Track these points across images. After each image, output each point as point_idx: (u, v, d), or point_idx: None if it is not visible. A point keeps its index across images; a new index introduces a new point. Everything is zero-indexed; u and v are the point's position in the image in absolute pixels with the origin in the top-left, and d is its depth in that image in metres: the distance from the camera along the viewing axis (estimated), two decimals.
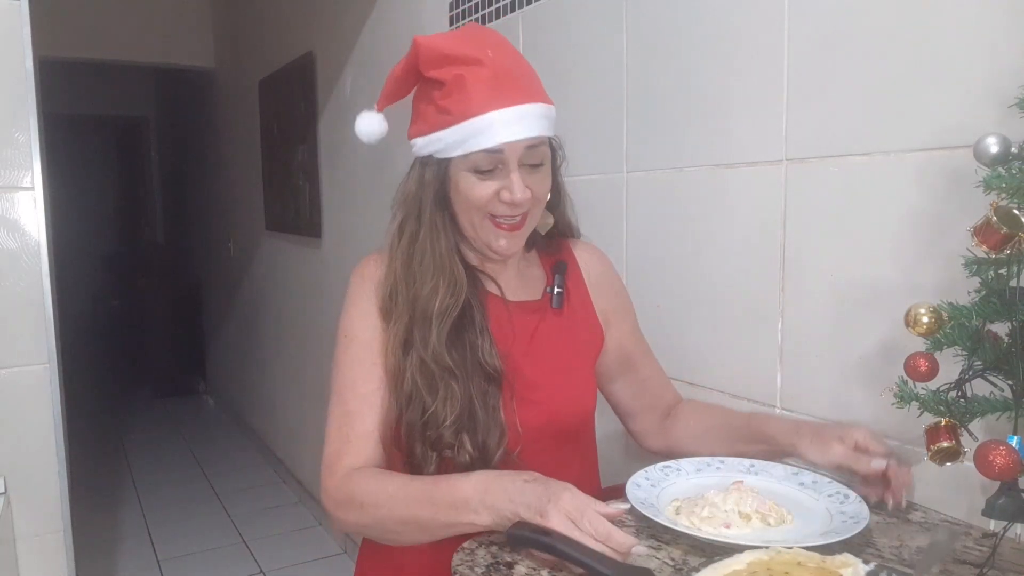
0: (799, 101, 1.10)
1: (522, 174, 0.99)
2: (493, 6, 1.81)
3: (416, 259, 1.03)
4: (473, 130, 0.96)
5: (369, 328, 1.04)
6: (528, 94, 0.99)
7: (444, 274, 1.02)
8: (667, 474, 0.98)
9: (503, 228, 1.02)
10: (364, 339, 1.04)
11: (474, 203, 1.00)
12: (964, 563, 0.78)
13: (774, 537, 0.80)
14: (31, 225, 1.65)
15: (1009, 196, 0.70)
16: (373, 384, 1.02)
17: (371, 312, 1.04)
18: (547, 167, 1.03)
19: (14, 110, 1.60)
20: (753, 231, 1.18)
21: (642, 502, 0.88)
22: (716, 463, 1.01)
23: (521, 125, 0.97)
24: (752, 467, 1.00)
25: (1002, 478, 0.70)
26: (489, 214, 1.01)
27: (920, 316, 0.75)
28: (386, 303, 1.03)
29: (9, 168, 1.62)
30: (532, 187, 1.00)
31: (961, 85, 0.89)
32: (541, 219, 1.09)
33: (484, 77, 0.97)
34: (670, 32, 1.32)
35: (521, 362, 1.05)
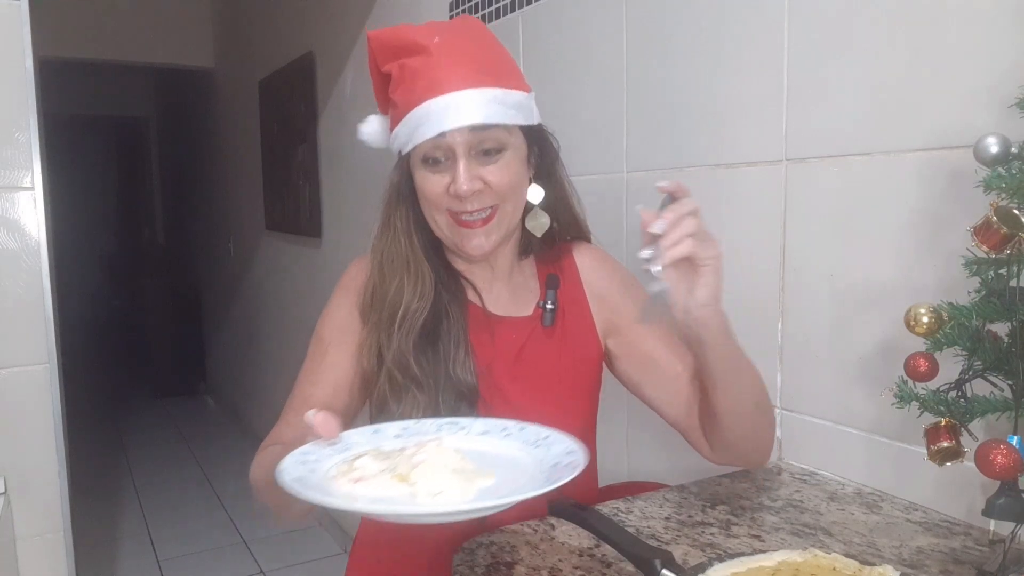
0: (799, 101, 1.10)
1: (473, 164, 0.93)
2: (493, 6, 1.81)
3: (386, 259, 1.01)
4: (417, 120, 0.92)
5: (336, 329, 1.02)
6: (473, 78, 0.93)
7: (409, 274, 0.99)
8: (440, 427, 0.87)
9: (466, 225, 0.95)
10: (325, 337, 1.03)
11: (429, 199, 0.96)
12: (964, 563, 0.78)
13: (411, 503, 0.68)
14: (31, 225, 1.65)
15: (1009, 196, 0.70)
16: (315, 380, 1.01)
17: (343, 314, 1.03)
18: (509, 156, 0.95)
19: (14, 110, 1.60)
20: (753, 231, 1.18)
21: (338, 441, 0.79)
22: (513, 428, 0.86)
23: (462, 110, 0.91)
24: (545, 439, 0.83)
25: (1002, 478, 0.70)
26: (448, 211, 0.96)
27: (920, 316, 0.75)
28: (364, 306, 1.01)
29: (9, 168, 1.62)
30: (487, 177, 0.93)
31: (961, 85, 0.89)
32: (532, 219, 1.03)
33: (427, 65, 0.93)
34: (671, 32, 1.32)
35: (503, 381, 0.99)
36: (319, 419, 0.77)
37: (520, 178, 0.98)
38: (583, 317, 1.07)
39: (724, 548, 0.82)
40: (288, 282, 3.61)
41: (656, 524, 0.89)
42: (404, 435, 0.84)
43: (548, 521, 0.90)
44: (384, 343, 0.97)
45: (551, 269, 1.08)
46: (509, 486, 0.72)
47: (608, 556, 0.80)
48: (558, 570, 0.78)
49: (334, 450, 0.78)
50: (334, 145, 2.95)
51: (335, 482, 0.72)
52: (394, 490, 0.70)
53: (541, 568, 0.78)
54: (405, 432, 0.85)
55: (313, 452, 0.77)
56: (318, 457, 0.77)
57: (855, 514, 0.92)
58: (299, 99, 3.22)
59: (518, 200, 1.00)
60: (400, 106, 0.94)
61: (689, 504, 0.96)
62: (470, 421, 0.88)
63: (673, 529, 0.88)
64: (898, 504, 0.95)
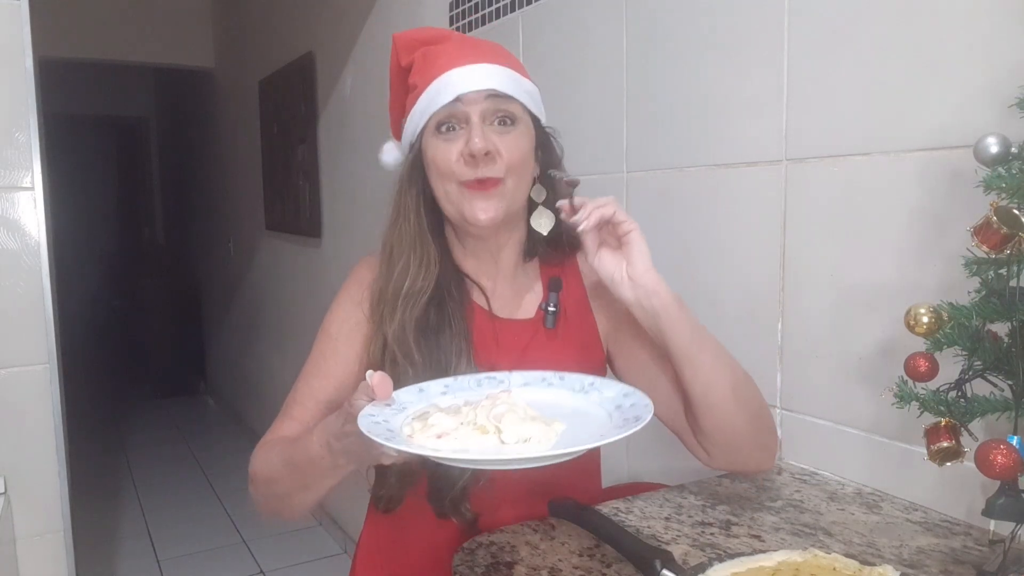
0: (799, 101, 1.10)
1: (487, 130, 0.95)
2: (493, 6, 1.81)
3: (396, 245, 1.01)
4: (435, 91, 0.95)
5: (343, 323, 1.03)
6: (492, 57, 0.97)
7: (415, 251, 0.99)
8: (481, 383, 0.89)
9: (474, 189, 0.95)
10: (332, 332, 1.04)
11: (441, 167, 0.96)
12: (964, 563, 0.78)
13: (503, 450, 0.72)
14: (31, 225, 1.65)
15: (1009, 196, 0.70)
16: (321, 374, 1.02)
17: (350, 309, 1.03)
18: (522, 131, 0.98)
19: (14, 110, 1.60)
20: (753, 231, 1.18)
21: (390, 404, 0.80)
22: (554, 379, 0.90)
23: (480, 76, 0.94)
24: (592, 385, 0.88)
25: (1002, 478, 0.70)
26: (459, 181, 0.96)
27: (920, 316, 0.75)
28: (372, 304, 1.01)
29: (9, 168, 1.62)
30: (500, 146, 0.95)
31: (961, 85, 0.89)
32: (537, 217, 1.04)
33: (449, 47, 0.98)
34: (670, 32, 1.32)
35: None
36: (377, 379, 0.77)
37: (528, 159, 0.99)
38: (585, 320, 1.07)
39: (724, 548, 0.82)
40: (288, 282, 3.61)
41: (656, 524, 0.89)
42: (449, 392, 0.87)
43: (548, 521, 0.90)
44: (387, 322, 0.97)
45: (554, 272, 1.08)
46: (585, 431, 0.76)
47: (608, 556, 0.80)
48: (558, 570, 0.78)
49: (392, 411, 0.78)
50: (334, 145, 2.95)
51: (415, 440, 0.73)
52: (482, 441, 0.73)
53: (541, 568, 0.78)
54: (449, 389, 0.87)
55: (377, 413, 0.76)
56: (385, 417, 0.77)
57: (855, 514, 0.92)
58: (299, 99, 3.22)
59: (522, 180, 0.99)
60: (419, 85, 0.96)
61: (689, 504, 0.96)
62: (506, 375, 0.90)
63: (673, 529, 0.88)
64: (898, 504, 0.95)
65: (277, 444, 0.97)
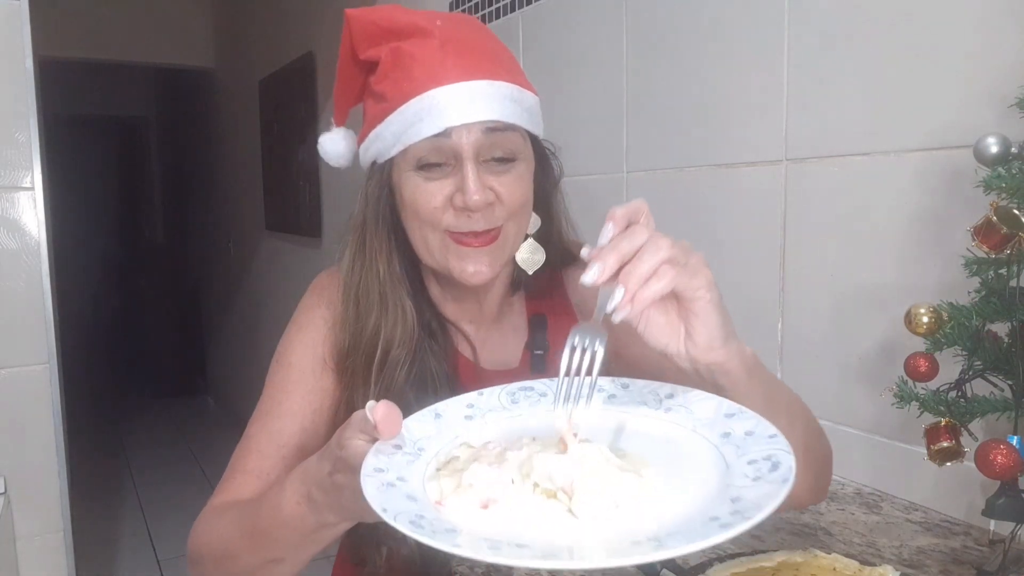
0: (799, 101, 1.10)
1: (482, 171, 0.77)
2: (493, 6, 1.81)
3: (361, 292, 0.84)
4: (413, 115, 0.75)
5: (308, 357, 0.86)
6: (487, 68, 0.77)
7: (386, 309, 0.82)
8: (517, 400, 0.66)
9: (467, 244, 0.79)
10: (293, 362, 0.86)
11: (423, 214, 0.78)
12: (964, 563, 0.78)
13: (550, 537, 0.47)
14: (31, 225, 1.65)
15: (1009, 196, 0.70)
16: (284, 416, 0.84)
17: (316, 342, 0.86)
18: (522, 167, 0.81)
19: (14, 110, 1.60)
20: (753, 231, 1.18)
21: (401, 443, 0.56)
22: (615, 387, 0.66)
23: (475, 104, 0.75)
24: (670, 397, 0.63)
25: (1002, 477, 0.70)
26: (445, 229, 0.79)
27: (920, 316, 0.75)
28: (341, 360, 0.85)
29: (9, 168, 1.62)
30: (499, 189, 0.78)
31: (961, 85, 0.89)
32: (528, 252, 0.87)
33: (429, 49, 0.76)
34: (670, 32, 1.32)
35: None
36: (382, 412, 0.54)
37: (529, 197, 0.83)
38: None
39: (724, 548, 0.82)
40: (288, 282, 3.61)
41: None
42: (476, 415, 0.63)
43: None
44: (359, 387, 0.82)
45: (540, 307, 0.93)
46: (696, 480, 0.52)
47: None
48: (558, 570, 0.78)
49: (405, 456, 0.55)
50: None
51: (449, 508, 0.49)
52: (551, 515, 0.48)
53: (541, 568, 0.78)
54: (475, 412, 0.63)
55: (386, 464, 0.53)
56: (398, 471, 0.53)
57: (855, 514, 0.92)
58: (299, 99, 3.22)
59: (522, 223, 0.84)
60: (390, 98, 0.77)
61: None
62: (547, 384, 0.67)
63: None
64: (898, 504, 0.95)
65: (230, 509, 0.78)
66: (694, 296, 0.58)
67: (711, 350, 0.61)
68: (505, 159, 0.79)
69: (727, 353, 0.62)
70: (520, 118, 0.79)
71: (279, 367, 0.88)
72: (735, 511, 0.45)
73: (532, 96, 0.83)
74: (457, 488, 0.50)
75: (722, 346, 0.61)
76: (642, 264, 0.56)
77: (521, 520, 0.48)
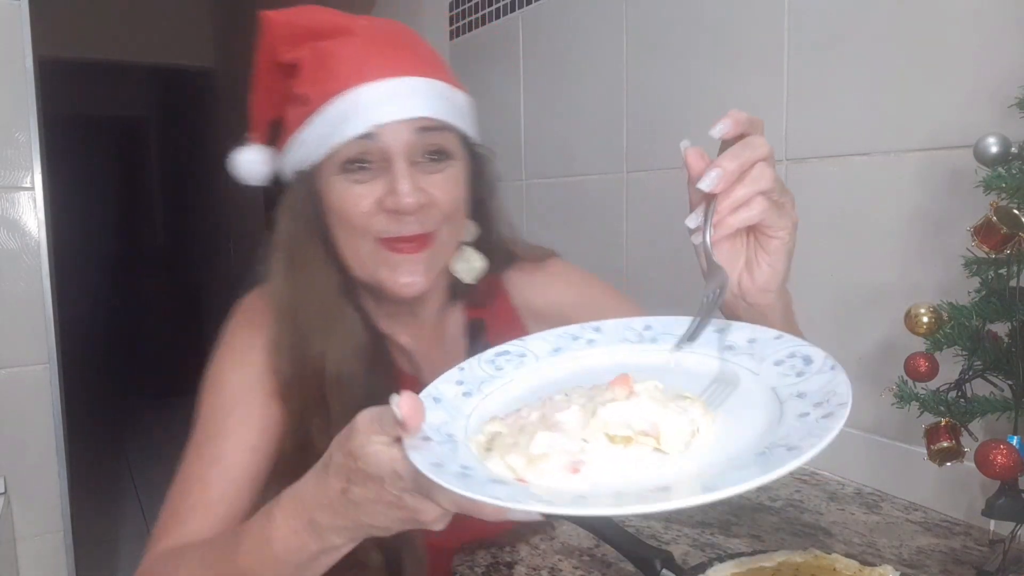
0: (799, 101, 1.10)
1: (414, 172, 0.73)
2: (493, 6, 1.81)
3: (300, 309, 0.77)
4: (337, 115, 0.72)
5: (245, 379, 0.79)
6: (415, 65, 0.74)
7: (329, 322, 0.76)
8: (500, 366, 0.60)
9: (399, 251, 0.74)
10: (233, 388, 0.79)
11: (352, 219, 0.73)
12: (964, 563, 0.78)
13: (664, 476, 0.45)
14: (31, 225, 1.65)
15: (1009, 196, 0.70)
16: (231, 440, 0.77)
17: (251, 362, 0.79)
18: (457, 168, 0.77)
19: (14, 110, 1.60)
20: None
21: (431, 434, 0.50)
22: (588, 332, 0.62)
23: (404, 101, 0.72)
24: (648, 329, 0.61)
25: (1002, 477, 0.70)
26: (377, 237, 0.74)
27: (920, 316, 0.75)
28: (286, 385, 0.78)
29: (9, 168, 1.62)
30: (433, 190, 0.74)
31: (961, 85, 0.89)
32: (463, 261, 0.83)
33: (353, 46, 0.73)
34: (670, 32, 1.32)
35: None
36: (407, 405, 0.49)
37: (464, 200, 0.79)
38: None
39: (724, 548, 0.82)
40: None
41: (656, 524, 0.89)
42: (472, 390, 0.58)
43: (548, 521, 0.90)
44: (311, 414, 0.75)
45: (479, 312, 0.89)
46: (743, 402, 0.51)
47: (608, 556, 0.80)
48: (558, 570, 0.78)
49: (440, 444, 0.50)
50: None
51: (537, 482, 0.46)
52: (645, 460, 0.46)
53: (541, 568, 0.78)
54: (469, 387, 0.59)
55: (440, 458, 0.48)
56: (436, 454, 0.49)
57: (855, 514, 0.92)
58: None
59: (458, 228, 0.80)
60: (312, 99, 0.73)
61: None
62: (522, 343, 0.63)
63: (673, 529, 0.88)
64: (898, 504, 0.95)
65: (188, 555, 0.70)
66: (775, 235, 0.59)
67: (765, 292, 0.60)
68: (438, 159, 0.75)
69: (776, 299, 0.62)
70: (453, 116, 0.76)
71: (212, 393, 0.80)
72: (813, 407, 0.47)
73: (464, 95, 0.80)
74: (530, 462, 0.46)
75: (775, 291, 0.61)
76: (743, 188, 0.55)
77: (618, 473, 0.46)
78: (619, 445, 0.47)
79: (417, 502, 0.51)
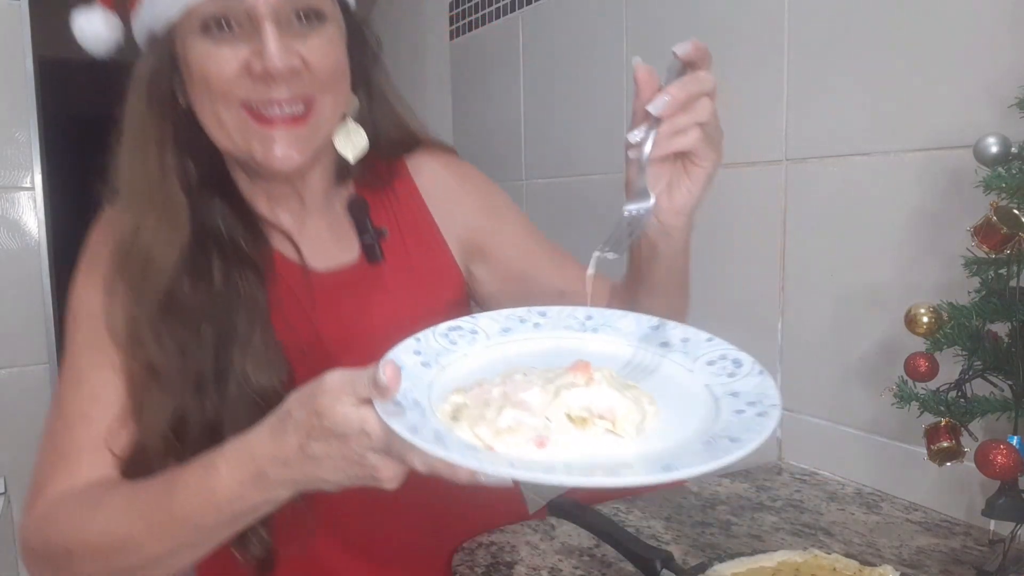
0: (799, 101, 1.10)
1: (284, 34, 0.67)
2: (493, 6, 1.81)
3: (133, 190, 0.72)
4: None
5: (96, 303, 0.73)
6: None
7: (153, 208, 0.70)
8: (454, 340, 0.61)
9: (268, 123, 0.68)
10: (91, 317, 0.73)
11: (214, 85, 0.67)
12: (964, 563, 0.78)
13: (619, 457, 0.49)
14: (31, 225, 1.65)
15: (1009, 196, 0.70)
16: (106, 374, 0.72)
17: (98, 283, 0.74)
18: (332, 30, 0.71)
19: (14, 110, 1.60)
20: (753, 231, 1.18)
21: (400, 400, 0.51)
22: (534, 316, 0.65)
23: None
24: (589, 319, 0.65)
25: (1002, 477, 0.70)
26: (242, 102, 0.68)
27: (920, 316, 0.75)
28: (113, 268, 0.73)
29: (9, 168, 1.62)
30: (306, 54, 0.68)
31: (961, 85, 0.89)
32: (344, 136, 0.77)
33: None
34: (670, 32, 1.32)
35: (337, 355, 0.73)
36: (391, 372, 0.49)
37: (344, 66, 0.73)
38: (431, 241, 0.85)
39: (724, 548, 0.82)
40: None
41: (656, 524, 0.89)
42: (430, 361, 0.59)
43: (548, 521, 0.90)
44: (114, 310, 0.71)
45: (370, 194, 0.84)
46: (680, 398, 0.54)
47: (608, 556, 0.80)
48: (558, 570, 0.78)
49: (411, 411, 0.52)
50: None
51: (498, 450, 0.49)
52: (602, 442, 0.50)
53: (541, 568, 0.78)
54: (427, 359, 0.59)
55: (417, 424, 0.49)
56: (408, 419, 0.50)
57: (855, 514, 0.92)
58: None
59: (339, 97, 0.74)
60: None
61: (689, 504, 0.96)
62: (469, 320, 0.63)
63: (673, 529, 0.88)
64: (898, 504, 0.95)
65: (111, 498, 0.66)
66: (701, 164, 0.62)
67: (679, 215, 0.65)
68: (310, 17, 0.69)
69: (686, 225, 0.66)
70: None
71: (78, 324, 0.74)
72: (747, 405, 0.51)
73: None
74: (498, 434, 0.49)
75: (687, 216, 0.66)
76: (684, 116, 0.60)
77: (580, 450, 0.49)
78: (577, 426, 0.51)
79: (379, 460, 0.52)
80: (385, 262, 0.81)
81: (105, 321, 0.72)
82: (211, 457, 0.60)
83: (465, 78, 1.98)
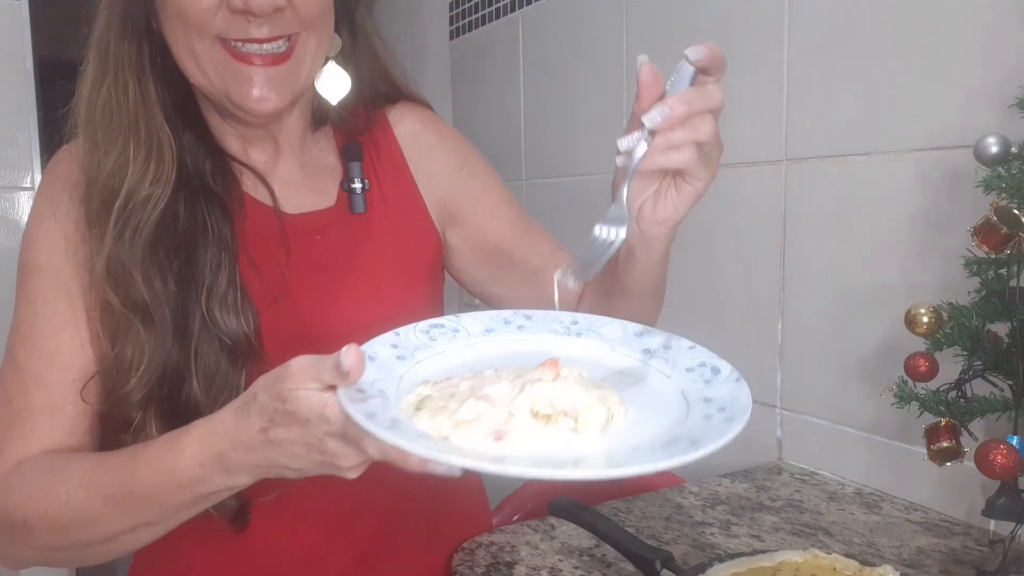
0: (799, 101, 1.10)
1: None
2: (493, 6, 1.81)
3: (102, 120, 0.68)
4: None
5: (58, 250, 0.69)
6: None
7: (137, 142, 0.66)
8: (434, 337, 0.61)
9: (246, 60, 0.65)
10: (50, 267, 0.69)
11: (189, 16, 0.63)
12: (964, 563, 0.78)
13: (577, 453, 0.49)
14: None
15: (1009, 196, 0.70)
16: (65, 332, 0.68)
17: (61, 227, 0.69)
18: None
19: (14, 110, 1.60)
20: (753, 231, 1.18)
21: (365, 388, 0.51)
22: (519, 319, 0.65)
23: None
24: (574, 324, 0.65)
25: (1002, 477, 0.70)
26: (219, 37, 0.64)
27: (920, 316, 0.75)
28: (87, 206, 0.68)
29: (9, 168, 1.62)
30: None
31: (961, 85, 0.89)
32: (328, 74, 0.74)
33: None
34: (671, 32, 1.32)
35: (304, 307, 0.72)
36: (354, 358, 0.48)
37: (329, 4, 0.70)
38: (410, 198, 0.82)
39: (724, 548, 0.82)
40: None
41: (656, 524, 0.89)
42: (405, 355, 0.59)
43: (548, 521, 0.90)
44: (94, 249, 0.66)
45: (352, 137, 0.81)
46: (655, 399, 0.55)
47: (608, 556, 0.80)
48: (558, 570, 0.78)
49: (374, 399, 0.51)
50: None
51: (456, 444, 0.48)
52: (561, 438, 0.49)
53: (541, 568, 0.78)
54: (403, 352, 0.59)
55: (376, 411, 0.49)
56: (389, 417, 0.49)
57: (855, 514, 0.92)
58: None
59: (323, 40, 0.70)
60: None
61: (689, 504, 0.96)
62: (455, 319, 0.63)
63: (673, 529, 0.88)
64: (898, 504, 0.95)
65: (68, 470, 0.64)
66: (692, 182, 0.60)
67: (661, 225, 0.63)
68: None
69: (667, 236, 0.64)
70: None
71: (29, 275, 0.70)
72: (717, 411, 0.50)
73: None
74: (457, 425, 0.49)
75: (669, 229, 0.63)
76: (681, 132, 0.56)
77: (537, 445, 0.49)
78: (541, 422, 0.50)
79: (339, 447, 0.52)
80: (365, 213, 0.78)
81: (75, 265, 0.68)
82: (176, 435, 0.59)
83: (465, 78, 1.98)
